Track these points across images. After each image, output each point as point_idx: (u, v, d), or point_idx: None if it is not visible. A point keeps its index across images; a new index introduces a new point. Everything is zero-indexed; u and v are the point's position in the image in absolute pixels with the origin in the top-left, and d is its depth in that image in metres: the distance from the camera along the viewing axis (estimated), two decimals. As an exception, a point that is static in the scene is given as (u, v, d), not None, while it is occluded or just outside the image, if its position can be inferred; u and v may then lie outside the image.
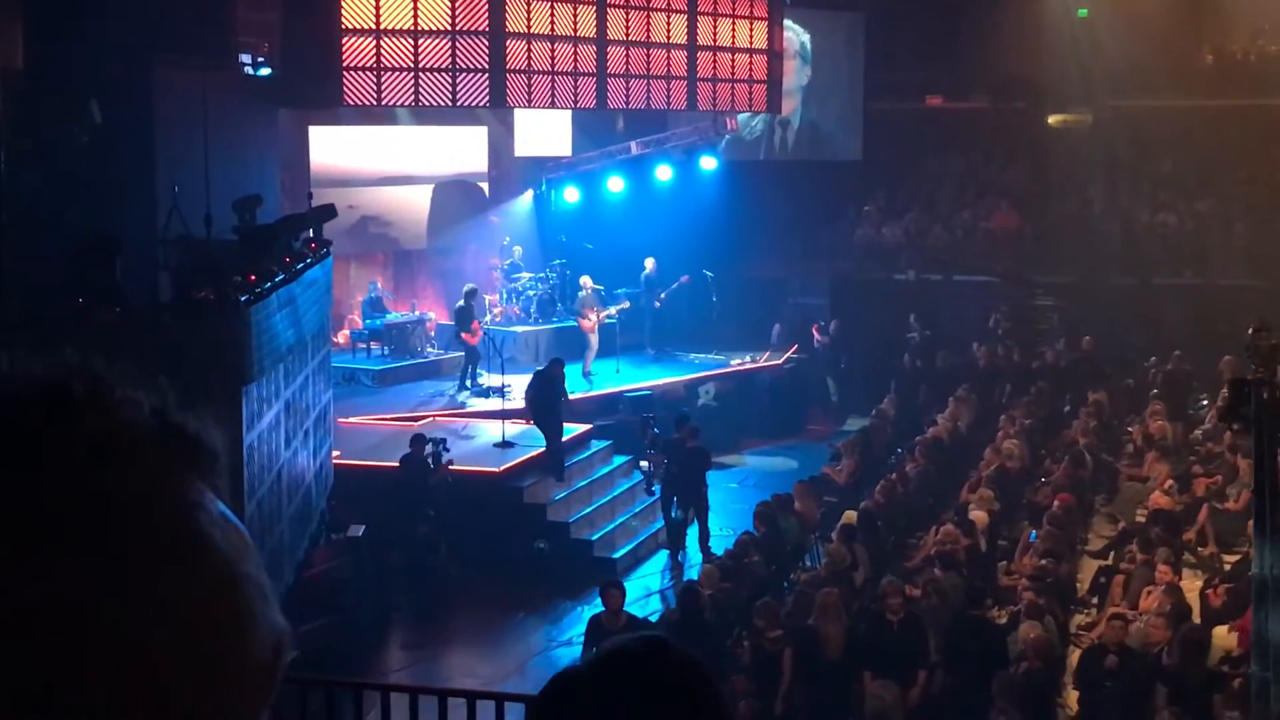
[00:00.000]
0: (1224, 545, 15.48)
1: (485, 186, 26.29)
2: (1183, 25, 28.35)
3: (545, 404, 18.41)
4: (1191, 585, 13.84)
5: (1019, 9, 28.43)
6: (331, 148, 23.30)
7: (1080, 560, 15.43)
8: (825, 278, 27.52)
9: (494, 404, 20.03)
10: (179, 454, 0.91)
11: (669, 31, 24.54)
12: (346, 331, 23.50)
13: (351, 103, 20.71)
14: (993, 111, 29.07)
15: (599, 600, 13.20)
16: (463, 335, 21.64)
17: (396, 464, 16.75)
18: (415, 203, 24.88)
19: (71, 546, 0.83)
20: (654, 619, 14.12)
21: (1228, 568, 14.66)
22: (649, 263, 24.69)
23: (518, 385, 21.15)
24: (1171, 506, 15.77)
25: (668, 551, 18.14)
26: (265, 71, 19.33)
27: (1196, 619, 12.60)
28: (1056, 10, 29.36)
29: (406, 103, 21.29)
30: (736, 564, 14.49)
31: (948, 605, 12.72)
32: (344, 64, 20.14)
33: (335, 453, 17.56)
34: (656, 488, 18.62)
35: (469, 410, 20.63)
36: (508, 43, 21.23)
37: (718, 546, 16.98)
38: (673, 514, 17.97)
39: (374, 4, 20.27)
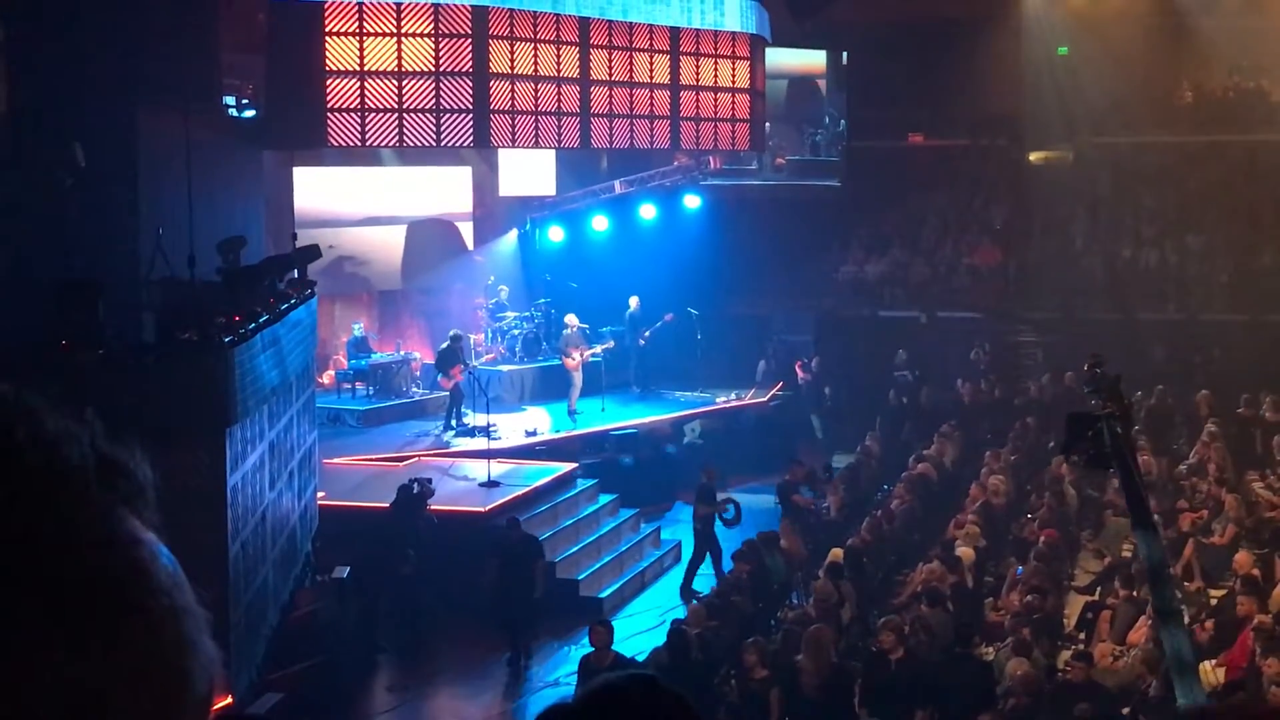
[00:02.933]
0: (1210, 580, 15.48)
1: (469, 226, 26.33)
2: (1162, 63, 28.58)
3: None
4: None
5: (1000, 47, 28.61)
6: (316, 188, 23.32)
7: (1067, 596, 15.42)
8: (810, 314, 27.56)
9: (479, 443, 19.99)
10: (114, 487, 0.90)
11: (652, 72, 24.70)
12: (332, 372, 23.46)
13: (336, 144, 20.77)
14: (974, 149, 29.19)
15: (586, 639, 13.15)
16: (439, 380, 21.62)
17: (381, 504, 16.68)
18: (391, 243, 24.89)
19: (22, 590, 0.82)
20: (641, 658, 14.04)
21: (1214, 602, 14.65)
22: (633, 301, 24.72)
23: (503, 424, 21.14)
24: (1157, 541, 15.77)
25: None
26: (250, 113, 19.38)
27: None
28: (1037, 48, 29.55)
29: (391, 143, 21.36)
30: (723, 602, 14.44)
31: (935, 643, 12.69)
32: (328, 105, 20.21)
33: (320, 494, 17.50)
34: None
35: (454, 450, 20.58)
36: (491, 83, 21.33)
37: (702, 585, 16.93)
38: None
39: (358, 45, 20.36)
